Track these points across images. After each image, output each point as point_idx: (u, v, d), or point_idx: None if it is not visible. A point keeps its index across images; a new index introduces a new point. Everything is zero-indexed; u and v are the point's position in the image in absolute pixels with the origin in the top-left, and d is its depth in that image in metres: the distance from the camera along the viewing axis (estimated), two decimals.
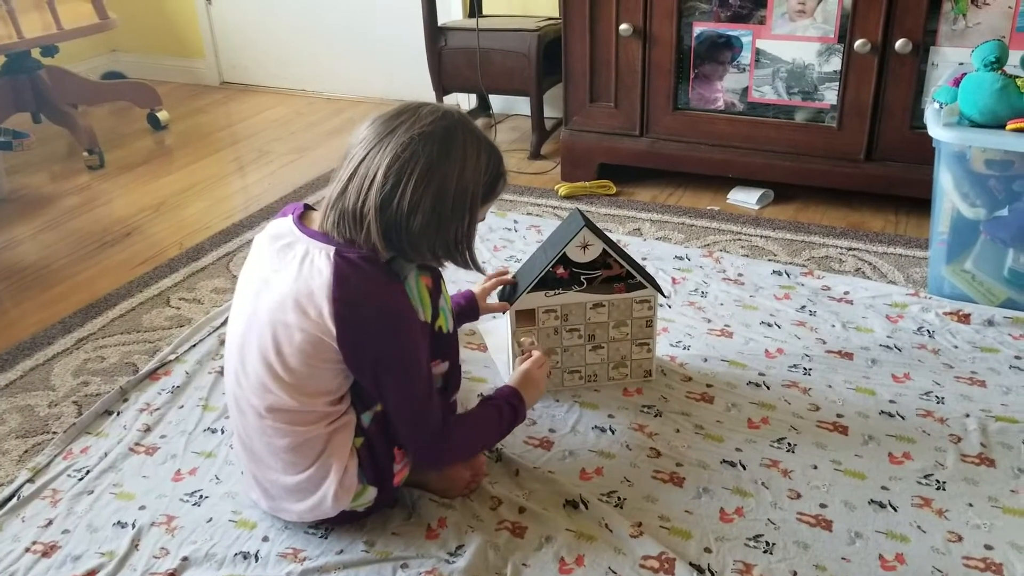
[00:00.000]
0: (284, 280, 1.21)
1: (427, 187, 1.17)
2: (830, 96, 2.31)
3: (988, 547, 1.28)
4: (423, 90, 3.04)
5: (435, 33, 2.86)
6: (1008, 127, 1.74)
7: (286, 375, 1.21)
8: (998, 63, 1.78)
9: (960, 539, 1.30)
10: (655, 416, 1.60)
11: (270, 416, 1.24)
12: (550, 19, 2.89)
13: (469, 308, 1.64)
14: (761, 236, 2.29)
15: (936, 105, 1.89)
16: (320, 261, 1.19)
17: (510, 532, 1.33)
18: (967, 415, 1.56)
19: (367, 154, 1.18)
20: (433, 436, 1.27)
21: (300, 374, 1.21)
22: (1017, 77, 1.78)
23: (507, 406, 1.39)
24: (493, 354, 1.80)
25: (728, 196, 2.54)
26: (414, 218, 1.17)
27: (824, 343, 1.80)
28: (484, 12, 3.05)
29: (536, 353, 1.53)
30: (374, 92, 3.61)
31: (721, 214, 2.44)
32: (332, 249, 1.19)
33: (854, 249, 2.20)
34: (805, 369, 1.72)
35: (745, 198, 2.51)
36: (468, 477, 1.40)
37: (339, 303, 1.16)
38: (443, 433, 1.28)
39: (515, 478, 1.45)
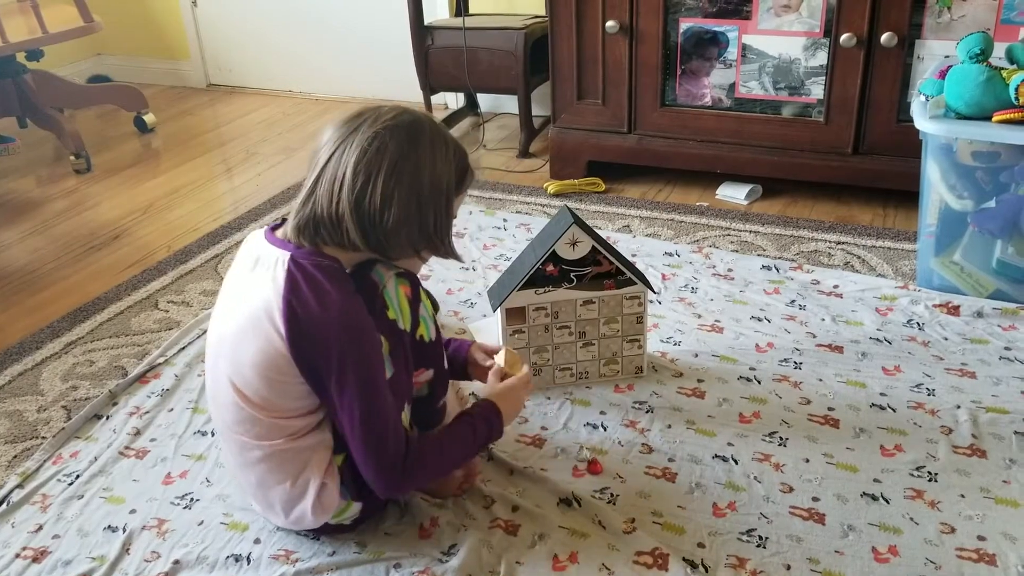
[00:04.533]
0: (248, 292, 1.20)
1: (399, 178, 1.16)
2: (817, 90, 2.31)
3: (981, 538, 1.28)
4: (410, 90, 3.03)
5: (421, 32, 2.86)
6: (994, 119, 1.75)
7: (249, 389, 1.19)
8: (983, 55, 1.79)
9: (953, 530, 1.30)
10: (647, 412, 1.60)
11: (238, 429, 1.22)
12: (536, 17, 2.89)
13: (458, 365, 1.50)
14: (750, 231, 2.30)
15: (922, 98, 1.90)
16: (276, 269, 1.17)
17: (503, 530, 1.33)
18: (958, 406, 1.56)
19: (332, 155, 1.17)
20: (393, 463, 1.19)
21: (261, 387, 1.18)
22: (1002, 69, 1.79)
23: (482, 422, 1.30)
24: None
25: (717, 192, 2.55)
26: (389, 211, 1.16)
27: (814, 337, 1.81)
28: (470, 11, 3.05)
29: (525, 369, 1.43)
30: (361, 92, 3.60)
31: (710, 210, 2.44)
32: (288, 256, 1.17)
33: (843, 243, 2.21)
34: (796, 363, 1.72)
35: (734, 193, 2.51)
36: (461, 477, 1.39)
37: (289, 313, 1.14)
38: (406, 459, 1.19)
39: (508, 476, 1.45)
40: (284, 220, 1.27)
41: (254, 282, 1.19)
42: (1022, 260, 1.86)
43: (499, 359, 1.44)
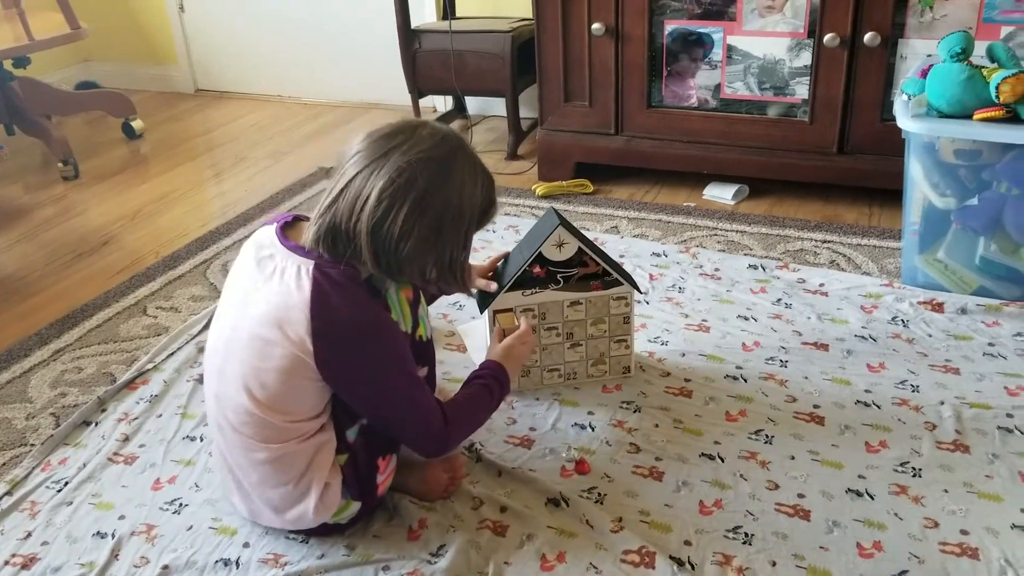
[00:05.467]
0: (264, 296, 1.20)
1: (421, 214, 1.16)
2: (801, 91, 2.33)
3: (964, 532, 1.30)
4: (399, 93, 3.04)
5: (409, 36, 2.86)
6: (975, 117, 1.77)
7: (262, 393, 1.20)
8: (964, 54, 1.81)
9: (936, 525, 1.31)
10: (634, 412, 1.61)
11: (246, 431, 1.23)
12: (523, 20, 2.89)
13: None
14: (737, 231, 2.31)
15: (905, 97, 1.91)
16: (300, 277, 1.18)
17: (492, 531, 1.34)
18: (942, 403, 1.58)
19: (359, 172, 1.16)
20: (438, 431, 1.28)
21: (277, 392, 1.20)
22: (983, 67, 1.80)
23: (495, 382, 1.38)
24: (472, 355, 1.80)
25: (704, 192, 2.56)
26: (405, 243, 1.16)
27: (800, 335, 1.82)
28: (457, 14, 3.06)
29: (523, 325, 1.51)
30: (351, 96, 3.61)
31: (697, 210, 2.45)
32: (311, 264, 1.18)
33: (828, 241, 2.22)
34: (782, 361, 1.73)
35: (721, 194, 2.53)
36: (446, 480, 1.40)
37: (318, 321, 1.16)
38: (445, 425, 1.28)
39: (496, 478, 1.45)
40: (295, 218, 1.28)
41: (274, 289, 1.19)
42: (1005, 257, 1.88)
43: (498, 322, 1.55)
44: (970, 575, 1.22)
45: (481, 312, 1.62)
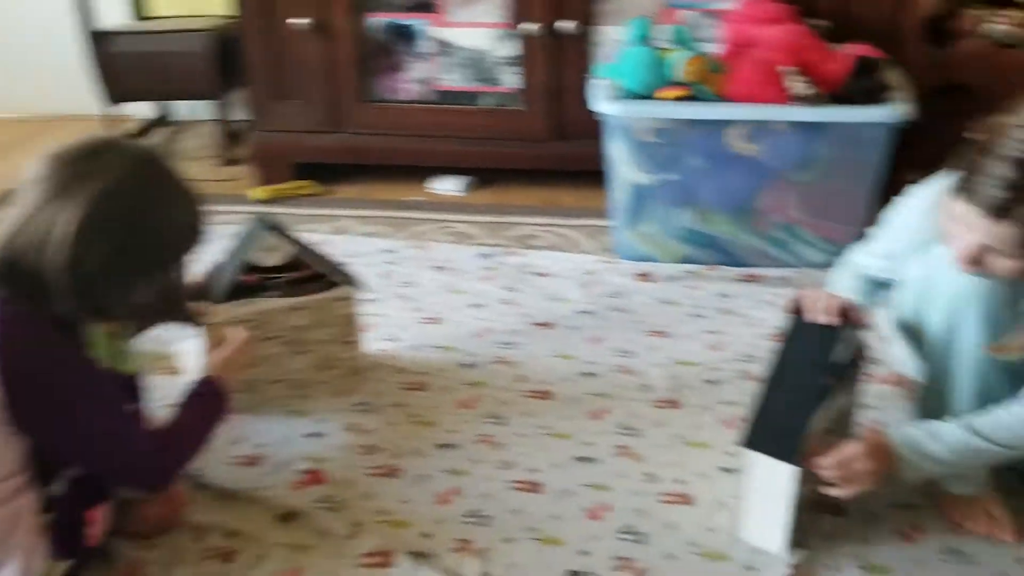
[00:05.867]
0: None
1: (124, 249, 1.04)
2: (512, 80, 2.39)
3: (680, 481, 1.39)
4: (93, 102, 2.76)
5: (95, 39, 2.59)
6: (657, 95, 1.90)
7: None
8: (648, 37, 1.94)
9: (656, 479, 1.39)
10: (369, 413, 1.56)
11: None
12: (226, 17, 2.73)
13: None
14: (465, 221, 2.34)
15: (599, 81, 2.02)
16: None
17: (220, 559, 1.25)
18: (656, 365, 1.68)
19: (45, 203, 1.02)
20: (154, 465, 1.18)
21: None
22: (666, 49, 1.94)
23: (212, 399, 1.28)
24: (188, 376, 1.66)
25: (431, 185, 2.56)
26: (109, 283, 1.05)
27: (528, 317, 1.87)
28: (153, 13, 2.83)
29: (238, 336, 1.39)
30: (36, 109, 3.22)
31: (426, 204, 2.46)
32: None
33: (551, 225, 2.31)
34: (512, 344, 1.77)
35: (448, 186, 2.55)
36: (164, 513, 1.29)
37: (6, 367, 1.01)
38: (161, 456, 1.18)
39: (221, 502, 1.35)
40: None
41: None
42: (703, 225, 2.04)
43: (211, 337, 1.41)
44: (689, 519, 1.31)
45: (192, 330, 1.50)
